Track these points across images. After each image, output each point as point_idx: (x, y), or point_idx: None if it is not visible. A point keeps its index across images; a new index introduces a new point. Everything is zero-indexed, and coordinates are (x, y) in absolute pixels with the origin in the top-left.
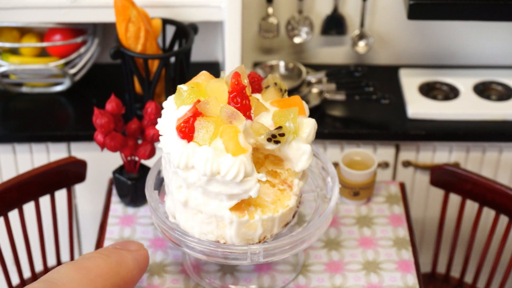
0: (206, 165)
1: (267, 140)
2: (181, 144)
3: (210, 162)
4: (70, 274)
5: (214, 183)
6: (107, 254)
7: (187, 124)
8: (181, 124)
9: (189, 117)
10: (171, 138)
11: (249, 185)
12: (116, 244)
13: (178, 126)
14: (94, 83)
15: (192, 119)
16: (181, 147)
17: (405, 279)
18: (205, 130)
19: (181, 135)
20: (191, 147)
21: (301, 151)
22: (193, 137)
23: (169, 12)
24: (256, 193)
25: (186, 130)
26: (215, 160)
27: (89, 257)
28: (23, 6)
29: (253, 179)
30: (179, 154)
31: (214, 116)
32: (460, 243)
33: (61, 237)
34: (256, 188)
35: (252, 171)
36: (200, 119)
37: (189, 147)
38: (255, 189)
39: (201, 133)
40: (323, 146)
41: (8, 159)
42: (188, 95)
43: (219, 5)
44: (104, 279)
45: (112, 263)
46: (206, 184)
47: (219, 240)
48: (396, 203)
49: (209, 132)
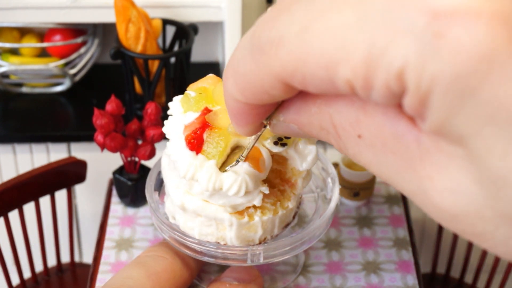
0: (209, 182)
1: (273, 144)
2: (189, 155)
3: (214, 178)
4: (143, 282)
5: (217, 196)
6: (172, 255)
7: (196, 135)
8: (190, 134)
9: (197, 128)
10: (179, 145)
11: (252, 197)
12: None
13: (186, 137)
14: (94, 84)
15: (201, 131)
16: (189, 158)
17: (405, 279)
18: (215, 144)
19: (189, 146)
20: (200, 160)
21: (307, 150)
22: (202, 149)
23: (169, 12)
24: (260, 202)
25: (195, 142)
26: (218, 176)
27: (156, 259)
28: (23, 6)
29: (256, 192)
30: (187, 165)
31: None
32: (460, 243)
33: (61, 237)
34: (259, 198)
35: (255, 187)
36: (209, 132)
37: (197, 160)
38: (258, 199)
39: (211, 148)
40: (323, 147)
41: (8, 159)
42: (196, 102)
43: (219, 5)
44: (171, 284)
45: (177, 265)
46: (209, 197)
47: (219, 242)
48: (396, 204)
49: (219, 147)
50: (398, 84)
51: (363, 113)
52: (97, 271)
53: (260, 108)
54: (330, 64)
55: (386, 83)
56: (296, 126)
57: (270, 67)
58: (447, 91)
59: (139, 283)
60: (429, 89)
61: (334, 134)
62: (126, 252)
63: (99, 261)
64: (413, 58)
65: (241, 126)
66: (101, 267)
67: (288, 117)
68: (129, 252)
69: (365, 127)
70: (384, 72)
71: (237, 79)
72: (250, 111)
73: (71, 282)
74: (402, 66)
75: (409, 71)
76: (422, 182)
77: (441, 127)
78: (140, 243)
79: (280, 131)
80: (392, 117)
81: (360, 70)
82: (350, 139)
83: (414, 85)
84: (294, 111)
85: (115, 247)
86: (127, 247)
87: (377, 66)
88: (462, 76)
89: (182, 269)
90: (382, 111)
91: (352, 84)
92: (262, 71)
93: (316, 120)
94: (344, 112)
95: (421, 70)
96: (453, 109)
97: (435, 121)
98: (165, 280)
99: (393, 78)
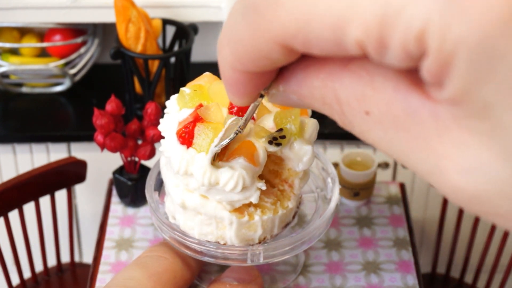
0: (204, 176)
1: (268, 143)
2: (181, 149)
3: (208, 173)
4: (144, 283)
5: (214, 191)
6: (173, 255)
7: (187, 129)
8: (181, 129)
9: (189, 122)
10: (172, 142)
11: (249, 193)
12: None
13: (178, 131)
14: (94, 84)
15: (192, 125)
16: (181, 152)
17: (405, 279)
18: (204, 136)
19: (180, 140)
20: (190, 153)
21: (303, 151)
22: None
23: (169, 12)
24: (257, 199)
25: (186, 135)
26: (213, 172)
27: (156, 259)
28: (23, 6)
29: (253, 188)
30: (179, 159)
31: (215, 122)
32: (460, 243)
33: (61, 237)
34: (256, 195)
35: (252, 182)
36: (199, 125)
37: (188, 153)
38: (255, 196)
39: (199, 139)
40: (323, 147)
41: (8, 159)
42: (191, 98)
43: (219, 5)
44: (172, 284)
45: (178, 265)
46: (206, 192)
47: (219, 241)
48: (396, 204)
49: (207, 138)
50: (417, 45)
51: (371, 88)
52: (97, 271)
53: (259, 76)
54: (338, 24)
55: (403, 44)
56: (296, 97)
57: (268, 30)
58: (474, 54)
59: (140, 284)
60: (453, 52)
61: (338, 110)
62: (126, 252)
63: (99, 261)
64: (436, 17)
65: (238, 96)
66: (101, 267)
67: (288, 87)
68: (129, 252)
69: (374, 103)
70: (401, 32)
71: (233, 46)
72: (249, 80)
73: (71, 282)
74: (423, 25)
75: (431, 32)
76: (439, 161)
77: (465, 95)
78: (140, 243)
79: (279, 101)
80: (404, 91)
81: (373, 30)
82: (356, 116)
83: (436, 47)
84: (295, 82)
85: (115, 247)
86: (127, 247)
87: (393, 26)
88: (491, 38)
89: (182, 269)
90: (392, 85)
91: (364, 45)
92: (259, 35)
93: (319, 94)
94: (350, 87)
95: (445, 31)
96: (480, 74)
97: (458, 88)
98: (166, 281)
99: (412, 39)
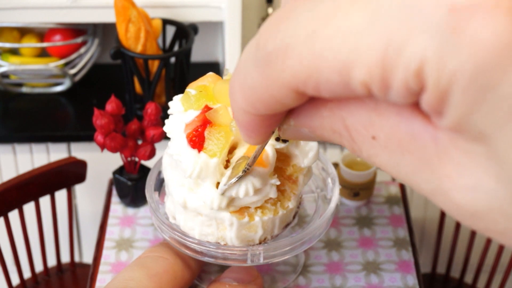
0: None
1: (275, 140)
2: (192, 153)
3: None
4: (144, 284)
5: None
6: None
7: (197, 133)
8: (191, 132)
9: (198, 125)
10: (181, 144)
11: (265, 193)
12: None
13: (188, 135)
14: (94, 84)
15: (202, 128)
16: (193, 157)
17: (405, 279)
18: (215, 141)
19: (191, 144)
20: (203, 158)
21: (308, 147)
22: (203, 147)
23: (169, 13)
24: (276, 194)
25: (196, 139)
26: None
27: (157, 259)
28: (23, 6)
29: (267, 186)
30: (192, 164)
31: (224, 126)
32: (460, 243)
33: (61, 237)
34: (273, 190)
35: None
36: (210, 128)
37: (200, 158)
38: (272, 191)
39: (211, 144)
40: (323, 147)
41: (8, 159)
42: (196, 99)
43: (219, 5)
44: (172, 285)
45: (178, 265)
46: None
47: (219, 242)
48: (396, 204)
49: (220, 143)
50: (416, 81)
51: (376, 114)
52: (97, 271)
53: (271, 117)
54: (344, 68)
55: (404, 81)
56: (307, 130)
57: (280, 78)
58: (468, 86)
59: (140, 285)
60: (449, 85)
61: (347, 137)
62: (126, 252)
63: (99, 261)
64: (432, 54)
65: (252, 137)
66: (101, 267)
67: (299, 121)
68: (129, 252)
69: (379, 128)
70: (402, 70)
71: (246, 92)
72: (262, 121)
73: (71, 282)
74: (421, 63)
75: (428, 67)
76: (441, 181)
77: (461, 123)
78: (140, 243)
79: (291, 136)
80: (406, 117)
81: (376, 71)
82: (364, 141)
83: (433, 81)
84: (305, 115)
85: (115, 247)
86: (127, 247)
87: (394, 65)
88: (483, 71)
89: (183, 269)
90: (395, 111)
91: (369, 86)
92: (271, 83)
93: (328, 123)
94: (357, 114)
95: (440, 66)
96: (474, 104)
97: (455, 118)
98: (167, 281)
99: (411, 76)
